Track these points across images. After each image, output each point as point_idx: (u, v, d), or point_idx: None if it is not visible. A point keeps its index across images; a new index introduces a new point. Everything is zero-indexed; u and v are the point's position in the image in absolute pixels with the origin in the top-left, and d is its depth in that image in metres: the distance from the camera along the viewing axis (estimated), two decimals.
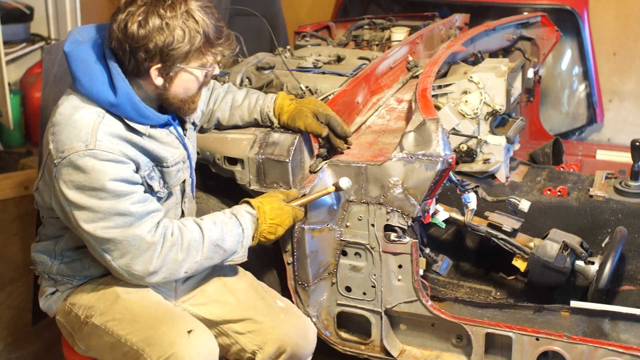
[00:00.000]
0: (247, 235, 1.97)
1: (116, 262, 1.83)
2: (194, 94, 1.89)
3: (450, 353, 2.30)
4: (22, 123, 4.77)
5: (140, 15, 1.72)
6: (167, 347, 1.79)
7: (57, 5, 4.79)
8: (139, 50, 1.73)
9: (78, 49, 1.79)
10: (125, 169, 1.78)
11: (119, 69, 1.78)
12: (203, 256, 1.90)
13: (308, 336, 2.06)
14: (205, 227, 1.91)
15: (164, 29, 1.72)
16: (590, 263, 2.44)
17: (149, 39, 1.72)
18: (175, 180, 1.98)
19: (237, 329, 2.02)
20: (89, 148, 1.74)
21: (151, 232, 1.81)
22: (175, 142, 1.96)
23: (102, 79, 1.78)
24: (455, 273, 2.80)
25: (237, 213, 1.98)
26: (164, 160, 1.92)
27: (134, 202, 1.79)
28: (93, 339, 1.96)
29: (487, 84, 2.86)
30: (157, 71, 1.78)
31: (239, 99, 2.27)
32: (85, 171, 1.74)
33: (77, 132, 1.75)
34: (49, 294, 2.05)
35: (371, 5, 4.52)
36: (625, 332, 2.13)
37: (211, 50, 1.81)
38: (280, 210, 2.00)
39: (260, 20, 2.82)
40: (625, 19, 4.41)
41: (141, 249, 1.81)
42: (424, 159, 2.07)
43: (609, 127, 4.57)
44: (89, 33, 1.85)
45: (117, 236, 1.78)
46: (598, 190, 2.86)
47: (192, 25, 1.75)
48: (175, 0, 1.74)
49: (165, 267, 1.85)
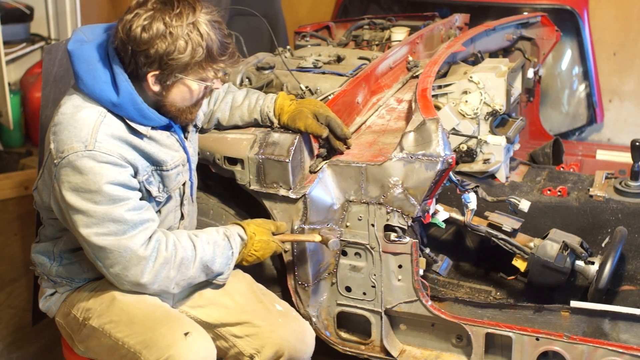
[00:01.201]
0: (234, 259, 1.99)
1: (107, 270, 1.83)
2: (192, 105, 1.88)
3: (450, 353, 2.30)
4: (22, 123, 4.78)
5: (146, 19, 1.71)
6: (164, 350, 1.79)
7: (57, 5, 4.80)
8: (139, 54, 1.73)
9: (82, 48, 1.79)
10: (123, 173, 1.78)
11: (122, 69, 1.77)
12: (192, 275, 1.91)
13: (306, 340, 2.05)
14: (199, 246, 1.91)
15: (167, 36, 1.71)
16: (590, 263, 2.44)
17: (151, 45, 1.71)
18: (174, 183, 1.97)
19: (235, 332, 2.01)
20: (88, 149, 1.73)
21: (143, 246, 1.80)
22: (175, 145, 1.95)
23: (105, 79, 1.77)
24: (455, 273, 2.80)
25: (230, 235, 1.98)
26: (163, 163, 1.91)
27: (128, 209, 1.78)
28: (91, 341, 1.96)
29: (487, 84, 2.86)
30: (154, 78, 1.77)
31: (239, 99, 2.27)
32: (83, 172, 1.74)
33: (77, 132, 1.75)
34: (48, 295, 2.05)
35: (371, 5, 4.52)
36: (625, 332, 2.13)
37: (212, 65, 1.79)
38: (265, 244, 2.02)
39: (260, 20, 2.82)
40: (625, 19, 4.41)
41: (132, 262, 1.80)
42: (424, 159, 2.07)
43: (609, 127, 4.57)
44: (94, 33, 1.84)
45: (109, 245, 1.78)
46: (598, 190, 2.87)
47: (196, 37, 1.73)
48: (184, 10, 1.72)
49: (157, 283, 1.85)
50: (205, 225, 2.32)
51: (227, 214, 2.37)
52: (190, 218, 2.12)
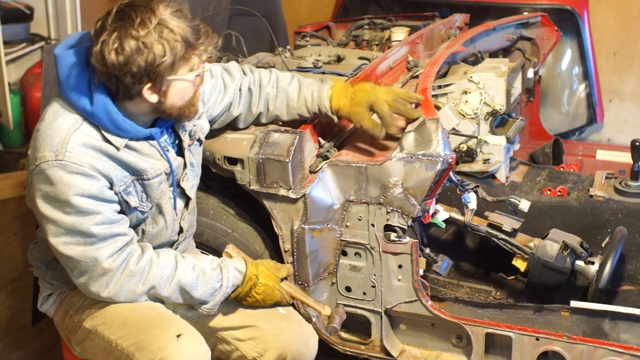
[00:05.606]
0: (223, 292, 1.93)
1: (76, 279, 1.83)
2: (191, 98, 1.85)
3: (450, 353, 2.30)
4: (22, 123, 4.78)
5: (114, 41, 1.66)
6: (157, 352, 1.78)
7: (57, 5, 4.80)
8: (125, 77, 1.69)
9: (66, 53, 1.76)
10: (93, 185, 1.75)
11: (98, 81, 1.73)
12: (166, 295, 1.88)
13: (309, 344, 2.05)
14: (180, 268, 1.88)
15: (142, 49, 1.67)
16: (590, 263, 2.44)
17: (131, 63, 1.67)
18: (158, 192, 1.92)
19: (237, 336, 2.01)
20: (58, 158, 1.72)
21: (111, 258, 1.79)
22: (157, 155, 1.90)
23: (81, 85, 1.75)
24: (455, 273, 2.80)
25: (224, 267, 1.94)
26: (143, 172, 1.86)
27: (96, 223, 1.76)
28: (87, 343, 1.96)
29: (487, 84, 2.86)
30: (149, 90, 1.74)
31: (294, 95, 2.18)
32: (53, 182, 1.73)
33: (50, 140, 1.73)
34: (46, 296, 2.05)
35: (371, 5, 4.52)
36: (625, 332, 2.13)
37: (194, 52, 1.76)
38: (269, 290, 1.98)
39: (260, 20, 2.82)
40: (625, 19, 4.41)
41: (97, 273, 1.80)
42: (424, 159, 2.07)
43: (609, 127, 4.57)
44: (83, 39, 1.80)
45: (77, 255, 1.77)
46: (598, 190, 2.86)
47: (168, 35, 1.69)
48: (144, 17, 1.68)
49: (122, 296, 1.84)
50: (205, 225, 2.33)
51: (227, 214, 2.37)
52: (190, 228, 2.10)
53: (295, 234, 2.14)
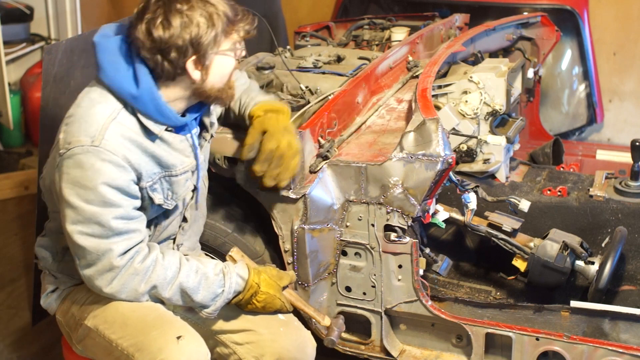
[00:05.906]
0: (224, 297, 1.92)
1: (82, 270, 1.83)
2: (228, 80, 1.89)
3: (450, 353, 2.30)
4: (22, 123, 4.78)
5: (161, 17, 1.72)
6: (156, 353, 1.78)
7: (57, 5, 4.80)
8: (170, 51, 1.74)
9: (108, 41, 1.80)
10: (122, 176, 1.77)
11: (144, 66, 1.78)
12: (168, 296, 1.88)
13: (306, 350, 2.04)
14: (184, 271, 1.88)
15: (187, 22, 1.73)
16: (590, 263, 2.44)
17: (177, 37, 1.73)
18: (183, 189, 1.95)
19: (235, 340, 2.01)
20: (94, 145, 1.73)
21: (121, 255, 1.80)
22: (187, 150, 1.93)
23: (126, 70, 1.78)
24: (455, 273, 2.80)
25: (227, 273, 1.93)
26: (172, 167, 1.89)
27: (116, 217, 1.77)
28: (87, 341, 1.96)
29: (487, 84, 2.86)
30: (193, 64, 1.78)
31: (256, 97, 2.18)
32: (84, 167, 1.74)
33: (87, 127, 1.75)
34: (49, 291, 2.05)
35: (371, 5, 4.52)
36: (625, 332, 2.13)
37: (234, 28, 1.82)
38: (270, 299, 1.97)
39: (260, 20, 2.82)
40: (625, 19, 4.41)
41: (104, 268, 1.80)
42: (424, 159, 2.07)
43: (609, 127, 4.57)
44: (121, 30, 1.85)
45: (90, 246, 1.77)
46: (598, 190, 2.86)
47: (210, 9, 1.76)
48: None
49: (124, 293, 1.84)
50: (205, 225, 2.32)
51: (227, 214, 2.37)
52: (193, 222, 2.10)
53: (295, 234, 2.14)
